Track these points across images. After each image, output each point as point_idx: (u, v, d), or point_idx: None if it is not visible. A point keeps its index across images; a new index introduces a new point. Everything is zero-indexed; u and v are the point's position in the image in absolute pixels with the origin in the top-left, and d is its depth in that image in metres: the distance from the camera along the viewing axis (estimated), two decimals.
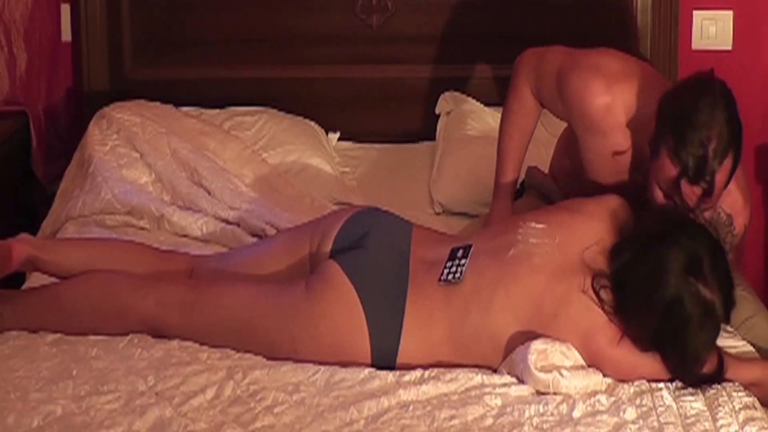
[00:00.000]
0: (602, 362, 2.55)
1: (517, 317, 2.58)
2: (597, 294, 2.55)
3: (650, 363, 2.55)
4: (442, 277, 2.66)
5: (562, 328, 2.56)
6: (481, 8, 3.98)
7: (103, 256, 2.91)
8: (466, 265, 2.65)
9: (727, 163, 2.62)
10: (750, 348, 2.77)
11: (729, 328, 2.81)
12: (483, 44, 3.97)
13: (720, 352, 2.58)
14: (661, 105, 2.68)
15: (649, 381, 2.55)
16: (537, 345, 2.53)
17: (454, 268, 2.66)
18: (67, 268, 2.87)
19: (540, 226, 2.68)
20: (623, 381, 2.56)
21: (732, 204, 2.82)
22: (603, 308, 2.54)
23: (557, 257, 2.62)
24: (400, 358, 2.62)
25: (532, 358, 2.51)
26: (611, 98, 2.85)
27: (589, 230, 2.66)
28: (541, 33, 3.13)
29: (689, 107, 2.62)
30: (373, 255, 2.70)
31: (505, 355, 2.59)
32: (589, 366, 2.56)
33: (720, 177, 2.62)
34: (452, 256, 2.69)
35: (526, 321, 2.58)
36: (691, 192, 2.62)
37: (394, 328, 2.63)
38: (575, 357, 2.55)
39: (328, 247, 2.78)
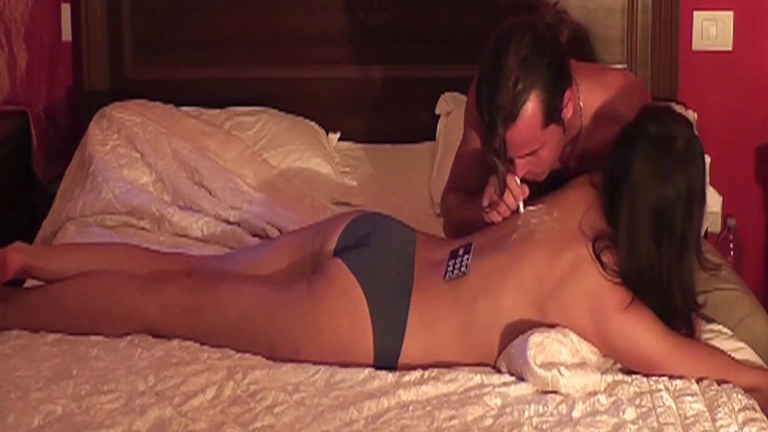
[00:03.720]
0: (606, 327, 2.56)
1: (524, 294, 2.60)
2: (600, 259, 2.56)
3: (654, 336, 2.56)
4: (447, 275, 2.67)
5: (567, 297, 2.57)
6: (481, 8, 3.97)
7: (98, 261, 2.91)
8: (470, 259, 2.66)
9: (531, 106, 2.62)
10: (749, 350, 2.77)
11: (725, 329, 2.81)
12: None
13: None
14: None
15: (647, 376, 2.56)
16: (535, 338, 2.53)
17: (458, 264, 2.67)
18: (62, 274, 2.87)
19: (537, 206, 2.70)
20: (624, 357, 2.58)
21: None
22: (606, 272, 2.55)
23: (558, 230, 2.63)
24: (402, 358, 2.63)
25: (531, 353, 2.51)
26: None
27: (580, 196, 2.68)
28: None
29: (483, 61, 2.66)
30: (378, 253, 2.71)
31: (510, 341, 2.59)
32: (591, 338, 2.57)
33: (526, 123, 2.62)
34: (453, 256, 2.70)
35: (532, 296, 2.59)
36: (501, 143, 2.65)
37: (397, 327, 2.63)
38: (572, 343, 2.56)
39: (331, 246, 2.79)
